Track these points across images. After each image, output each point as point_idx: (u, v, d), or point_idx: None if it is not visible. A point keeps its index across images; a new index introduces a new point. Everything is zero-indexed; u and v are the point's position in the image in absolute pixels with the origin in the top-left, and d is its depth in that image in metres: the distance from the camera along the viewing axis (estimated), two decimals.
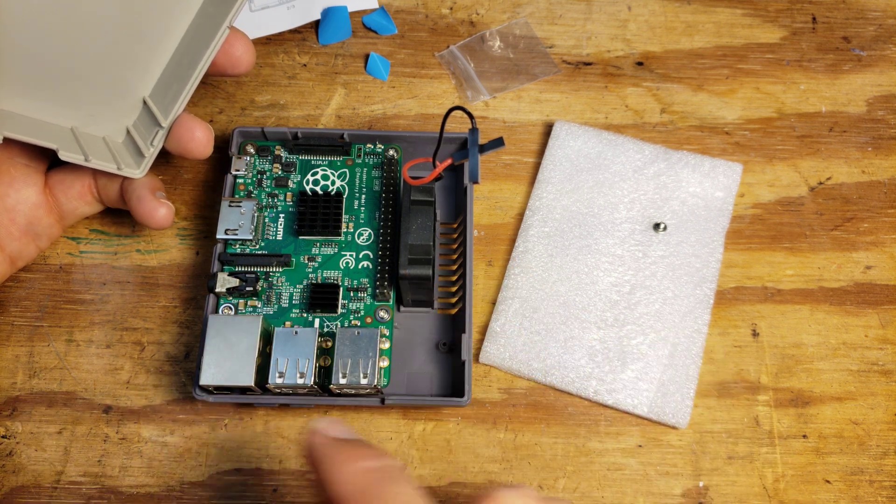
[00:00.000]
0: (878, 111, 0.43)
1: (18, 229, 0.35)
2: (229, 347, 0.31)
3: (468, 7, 0.45)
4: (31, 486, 0.33)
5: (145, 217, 0.35)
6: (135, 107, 0.35)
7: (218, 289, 0.34)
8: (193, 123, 0.34)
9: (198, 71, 0.33)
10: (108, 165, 0.33)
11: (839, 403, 0.36)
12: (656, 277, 0.37)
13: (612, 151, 0.40)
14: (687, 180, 0.39)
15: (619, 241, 0.38)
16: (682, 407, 0.35)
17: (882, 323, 0.38)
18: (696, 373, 0.36)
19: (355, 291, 0.35)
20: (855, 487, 0.34)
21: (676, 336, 0.36)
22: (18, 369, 0.36)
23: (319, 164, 0.38)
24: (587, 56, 0.44)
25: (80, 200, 0.36)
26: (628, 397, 0.35)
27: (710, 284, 0.37)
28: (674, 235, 0.38)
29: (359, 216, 0.37)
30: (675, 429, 0.35)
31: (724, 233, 0.39)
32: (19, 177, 0.34)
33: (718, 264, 0.38)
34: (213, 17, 0.32)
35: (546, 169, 0.40)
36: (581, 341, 0.36)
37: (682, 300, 0.37)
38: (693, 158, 0.40)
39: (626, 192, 0.39)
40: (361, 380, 0.31)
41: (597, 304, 0.37)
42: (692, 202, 0.39)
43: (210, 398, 0.32)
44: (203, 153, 0.34)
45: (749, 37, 0.45)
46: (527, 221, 0.39)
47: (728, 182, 0.40)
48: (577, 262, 0.38)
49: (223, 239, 0.35)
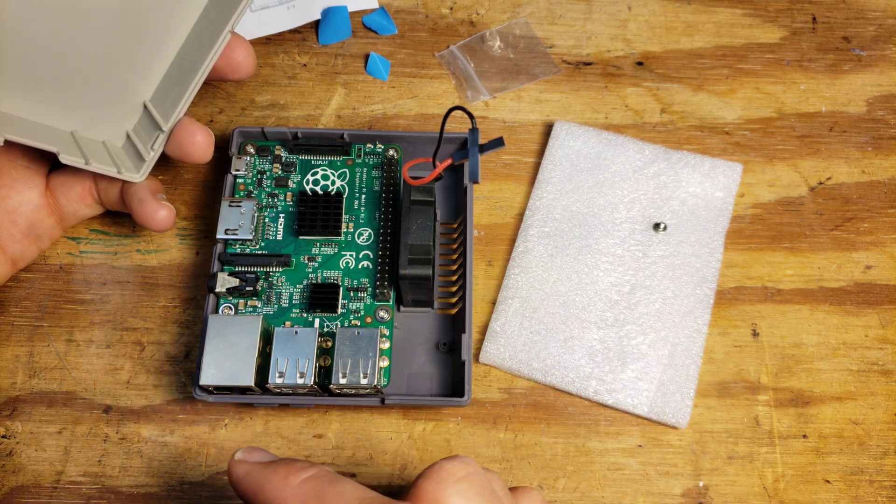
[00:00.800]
0: (878, 111, 0.43)
1: (20, 231, 0.35)
2: (229, 347, 0.31)
3: (468, 7, 0.45)
4: (31, 486, 0.33)
5: (146, 219, 0.35)
6: (135, 111, 0.35)
7: (218, 289, 0.34)
8: (194, 128, 0.34)
9: (199, 76, 0.32)
10: (108, 169, 0.33)
11: (839, 403, 0.36)
12: (656, 277, 0.37)
13: (612, 151, 0.40)
14: (687, 180, 0.39)
15: (619, 241, 0.38)
16: (682, 407, 0.35)
17: (882, 323, 0.38)
18: (695, 372, 0.36)
19: (355, 291, 0.35)
20: (855, 487, 0.34)
21: (676, 336, 0.36)
22: (18, 369, 0.36)
23: (319, 164, 0.38)
24: (587, 56, 0.44)
25: (80, 203, 0.36)
26: (628, 397, 0.35)
27: (710, 284, 0.37)
28: (674, 235, 0.38)
29: (359, 216, 0.37)
30: (675, 429, 0.35)
31: (724, 233, 0.39)
32: (21, 179, 0.34)
33: (718, 264, 0.38)
34: (215, 21, 0.32)
35: (546, 169, 0.40)
36: (581, 341, 0.36)
37: (682, 300, 0.37)
38: (693, 158, 0.40)
39: (626, 191, 0.39)
40: (361, 380, 0.31)
41: (597, 304, 0.37)
42: (692, 202, 0.39)
43: (210, 398, 0.32)
44: (203, 157, 0.34)
45: (749, 37, 0.45)
46: (527, 221, 0.39)
47: (728, 182, 0.40)
48: (577, 262, 0.38)
49: (223, 239, 0.35)
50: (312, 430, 0.35)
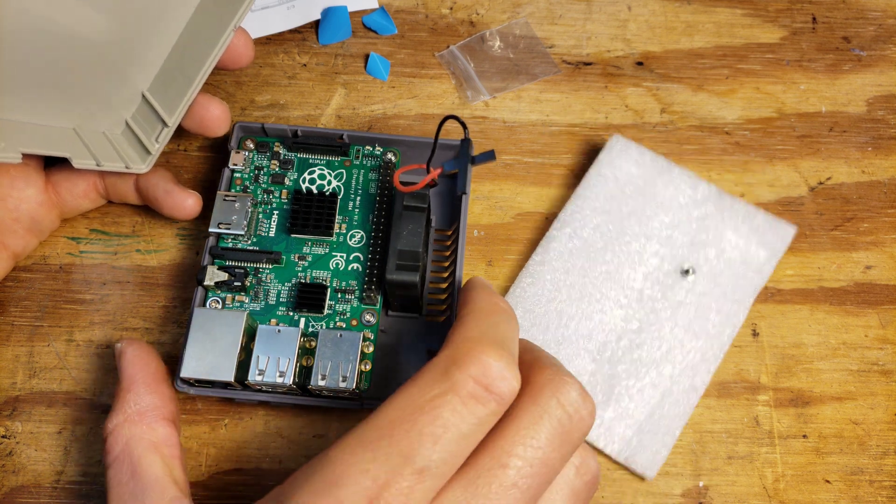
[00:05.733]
0: (878, 111, 0.43)
1: (22, 227, 0.35)
2: (212, 341, 0.31)
3: (468, 7, 0.45)
4: (31, 486, 0.33)
5: (174, 209, 0.35)
6: (133, 100, 0.35)
7: (207, 282, 0.34)
8: (209, 101, 0.34)
9: (203, 71, 0.33)
10: (117, 166, 0.34)
11: (839, 403, 0.36)
12: (668, 323, 0.36)
13: (663, 180, 0.38)
14: (733, 230, 0.37)
15: (641, 276, 0.36)
16: (655, 460, 0.34)
17: (882, 323, 0.38)
18: (678, 430, 0.34)
19: (343, 293, 0.35)
20: (855, 487, 0.34)
21: (670, 388, 0.35)
22: (18, 369, 0.36)
23: (317, 163, 0.38)
24: (587, 56, 0.44)
25: (84, 198, 0.36)
26: (601, 436, 0.34)
27: (721, 346, 0.35)
28: (700, 284, 0.36)
29: (352, 217, 0.37)
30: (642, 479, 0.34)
31: (755, 294, 0.36)
32: (19, 176, 0.35)
33: (739, 326, 0.36)
34: (218, 16, 0.32)
35: (588, 183, 0.38)
36: (570, 367, 0.35)
37: (688, 354, 0.35)
38: (746, 209, 0.37)
39: (664, 226, 0.37)
40: (340, 383, 0.31)
41: (599, 335, 0.36)
42: (731, 254, 0.37)
43: (191, 390, 0.32)
44: (220, 130, 0.35)
45: (749, 37, 0.45)
46: (551, 233, 0.38)
47: (776, 243, 0.37)
48: (593, 287, 0.36)
49: (215, 232, 0.35)
50: (313, 430, 0.35)
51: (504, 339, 0.25)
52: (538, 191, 0.40)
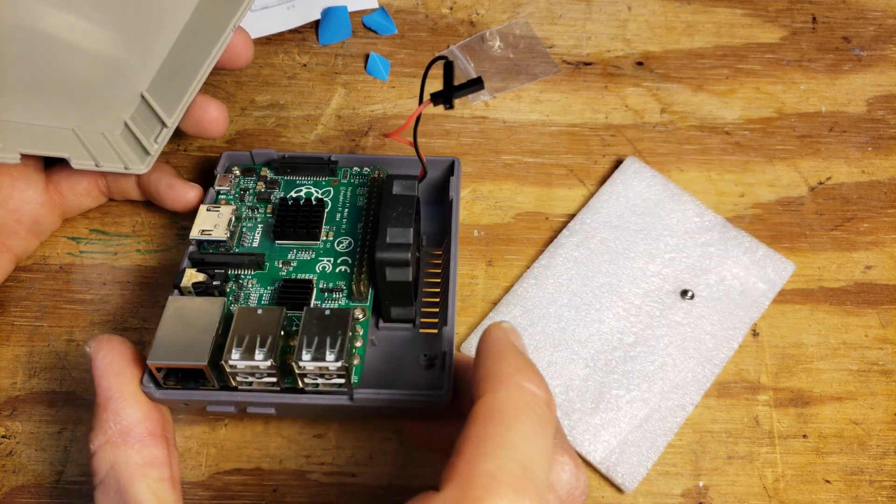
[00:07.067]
0: (878, 111, 0.43)
1: (24, 228, 0.35)
2: (185, 328, 0.28)
3: (468, 7, 0.45)
4: (31, 486, 0.33)
5: (176, 202, 0.36)
6: (131, 100, 0.35)
7: (183, 284, 0.32)
8: (207, 103, 0.34)
9: (203, 71, 0.33)
10: (116, 167, 0.34)
11: (839, 403, 0.36)
12: (663, 341, 0.36)
13: (672, 204, 0.39)
14: (734, 260, 0.38)
15: (642, 293, 0.37)
16: (636, 472, 0.34)
17: (882, 323, 0.38)
18: (662, 445, 0.34)
19: (330, 293, 0.32)
20: (855, 487, 0.34)
21: (658, 403, 0.35)
22: (18, 369, 0.36)
23: (304, 183, 0.36)
24: (587, 56, 0.44)
25: (86, 197, 0.37)
26: (586, 441, 0.34)
27: (713, 368, 0.36)
28: (698, 307, 0.37)
29: (340, 227, 0.35)
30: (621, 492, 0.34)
31: (750, 324, 0.37)
32: (20, 177, 0.35)
33: (731, 353, 0.36)
34: (218, 16, 0.32)
35: (600, 198, 0.39)
36: (563, 371, 0.35)
37: (679, 373, 0.35)
38: (749, 241, 0.38)
39: (668, 248, 0.38)
40: (328, 356, 0.28)
41: (594, 343, 0.36)
42: (730, 283, 0.37)
43: (157, 393, 0.29)
44: (218, 131, 0.35)
45: (749, 37, 0.45)
46: (559, 240, 0.38)
47: (775, 277, 0.38)
48: (593, 296, 0.37)
49: (197, 240, 0.33)
50: (312, 429, 0.35)
51: (528, 465, 0.21)
52: (538, 191, 0.40)
